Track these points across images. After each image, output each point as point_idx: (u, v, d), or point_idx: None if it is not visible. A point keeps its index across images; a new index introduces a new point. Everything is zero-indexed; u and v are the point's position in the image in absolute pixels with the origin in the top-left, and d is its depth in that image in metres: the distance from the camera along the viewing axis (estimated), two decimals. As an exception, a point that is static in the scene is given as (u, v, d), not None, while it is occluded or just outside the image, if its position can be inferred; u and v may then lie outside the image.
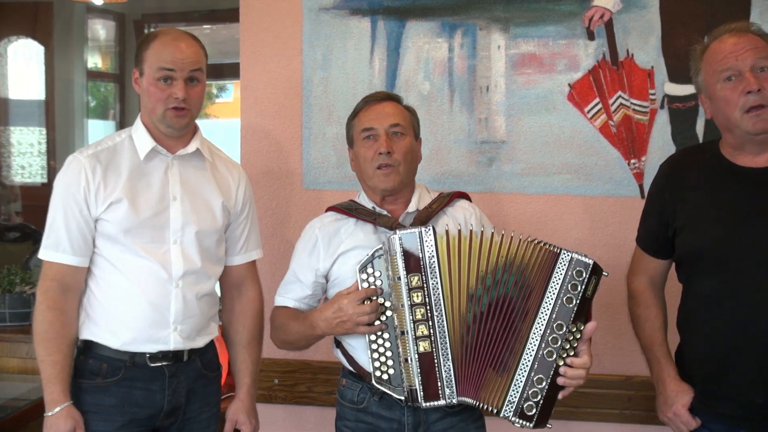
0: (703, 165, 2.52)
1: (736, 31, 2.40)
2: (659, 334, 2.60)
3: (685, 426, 2.50)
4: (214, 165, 2.73)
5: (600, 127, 3.22)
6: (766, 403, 2.34)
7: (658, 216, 2.58)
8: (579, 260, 2.33)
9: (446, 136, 3.30)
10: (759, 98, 2.32)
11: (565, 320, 2.33)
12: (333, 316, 2.45)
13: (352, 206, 2.64)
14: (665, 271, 2.66)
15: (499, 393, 2.35)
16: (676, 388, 2.52)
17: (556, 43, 3.23)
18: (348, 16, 3.34)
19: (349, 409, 2.58)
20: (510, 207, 3.28)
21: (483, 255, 2.38)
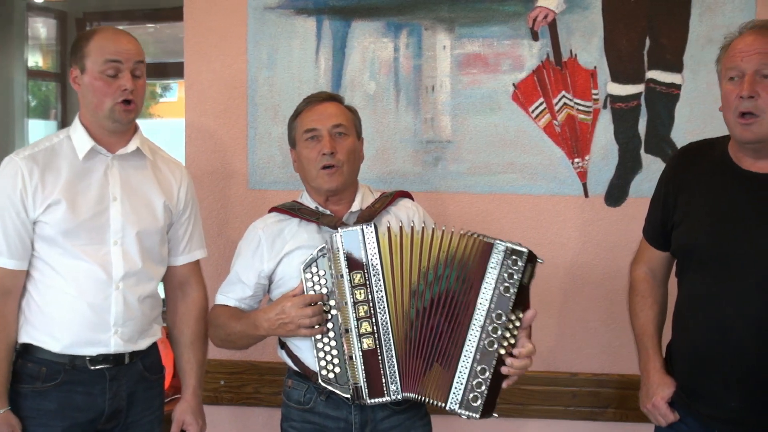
0: (709, 162, 2.50)
1: (758, 29, 2.35)
2: (651, 325, 2.60)
3: (662, 418, 2.51)
4: (156, 164, 2.70)
5: (544, 126, 3.25)
6: (741, 407, 2.35)
7: (661, 207, 2.57)
8: (514, 249, 2.34)
9: (392, 135, 3.31)
10: (750, 105, 2.29)
11: (504, 309, 2.33)
12: (276, 317, 2.44)
13: (295, 206, 2.63)
14: (667, 264, 2.64)
15: (444, 386, 2.35)
16: (659, 380, 2.52)
17: (501, 43, 3.25)
18: (293, 16, 3.33)
19: (296, 410, 2.57)
20: (455, 206, 3.29)
21: (424, 251, 2.39)
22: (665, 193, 2.55)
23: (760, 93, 2.28)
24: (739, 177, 2.40)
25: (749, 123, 2.30)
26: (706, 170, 2.48)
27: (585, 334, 3.27)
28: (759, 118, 2.29)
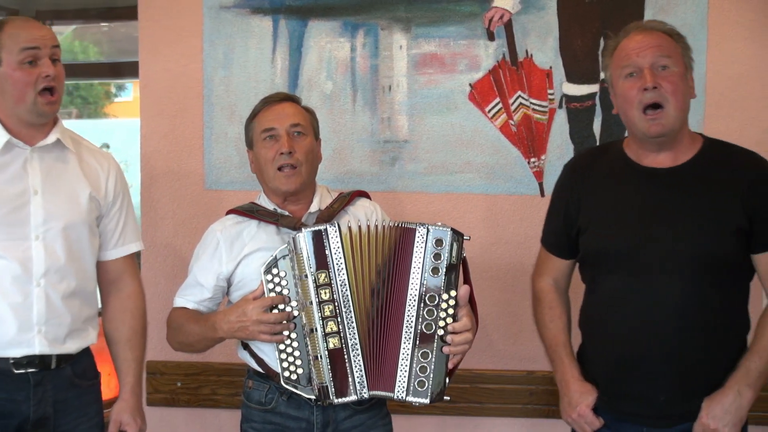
0: (607, 165, 2.54)
1: (645, 28, 2.43)
2: (563, 335, 2.61)
3: (589, 426, 2.51)
4: (81, 156, 2.62)
5: (501, 126, 3.27)
6: (668, 400, 2.39)
7: (562, 216, 2.59)
8: (436, 230, 2.35)
9: (349, 135, 3.31)
10: (655, 95, 2.34)
11: (436, 291, 2.34)
12: (236, 320, 2.41)
13: (253, 208, 2.61)
14: (569, 272, 2.67)
15: (389, 377, 2.36)
16: (580, 388, 2.52)
17: (457, 43, 3.26)
18: (249, 15, 3.31)
19: (256, 411, 2.56)
20: (412, 206, 3.30)
21: (378, 248, 2.40)
22: (566, 202, 2.58)
23: (661, 83, 2.34)
24: (640, 175, 2.45)
25: (656, 117, 2.35)
26: (606, 173, 2.52)
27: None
28: (664, 110, 2.35)
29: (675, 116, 2.36)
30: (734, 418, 2.34)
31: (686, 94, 2.40)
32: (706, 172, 2.41)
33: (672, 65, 2.36)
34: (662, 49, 2.37)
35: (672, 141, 2.42)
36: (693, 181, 2.40)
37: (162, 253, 3.42)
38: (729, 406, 2.34)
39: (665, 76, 2.35)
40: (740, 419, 2.35)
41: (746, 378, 2.35)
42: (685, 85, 2.40)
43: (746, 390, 2.34)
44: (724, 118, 3.17)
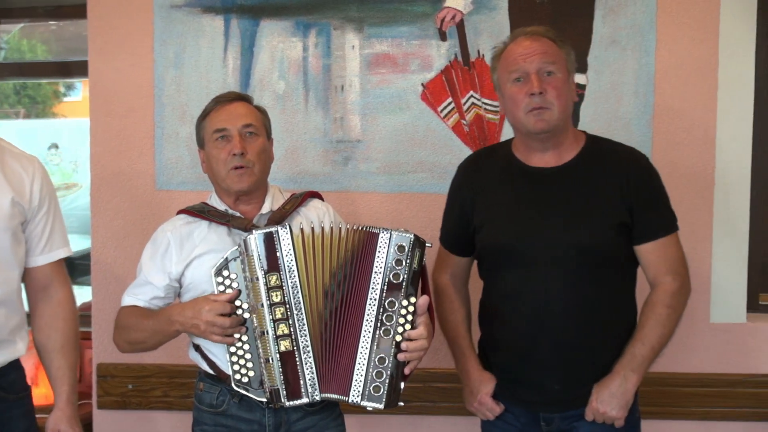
0: (496, 165, 2.65)
1: (531, 34, 2.53)
2: (462, 326, 2.70)
3: (490, 412, 2.62)
4: (3, 160, 2.54)
5: (453, 126, 3.28)
6: (561, 389, 2.52)
7: (458, 215, 2.69)
8: (399, 236, 2.36)
9: (302, 135, 3.30)
10: (540, 101, 2.45)
11: (396, 297, 2.35)
12: (191, 316, 2.39)
13: (204, 208, 2.59)
14: (467, 267, 2.77)
15: (345, 380, 2.35)
16: (479, 377, 2.63)
17: (410, 43, 3.27)
18: (200, 14, 3.29)
19: (208, 414, 2.54)
20: (366, 206, 3.30)
21: (333, 251, 2.39)
22: (461, 202, 2.68)
23: (546, 88, 2.45)
24: (527, 174, 2.57)
25: (541, 113, 2.46)
26: (497, 174, 2.63)
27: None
28: (549, 110, 2.46)
29: (558, 116, 2.48)
30: (621, 401, 2.48)
31: (569, 98, 2.54)
32: (589, 169, 2.54)
33: (556, 71, 2.48)
34: (548, 55, 2.48)
35: (556, 140, 2.54)
36: (576, 178, 2.53)
37: (112, 254, 3.39)
38: (615, 390, 2.48)
39: (550, 82, 2.47)
40: (626, 402, 2.49)
41: (631, 363, 2.49)
42: (568, 90, 2.53)
43: (631, 375, 2.48)
44: (672, 118, 3.22)
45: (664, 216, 2.55)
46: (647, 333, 2.50)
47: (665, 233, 2.53)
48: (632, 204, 2.49)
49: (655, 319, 2.51)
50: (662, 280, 2.53)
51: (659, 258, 2.53)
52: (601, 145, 2.61)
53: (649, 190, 2.54)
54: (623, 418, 2.50)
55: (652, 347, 2.49)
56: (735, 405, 3.25)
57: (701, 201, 3.23)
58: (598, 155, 2.57)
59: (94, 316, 3.43)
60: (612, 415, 2.48)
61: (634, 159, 2.58)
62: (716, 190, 3.24)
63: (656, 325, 2.50)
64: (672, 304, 2.52)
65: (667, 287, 2.52)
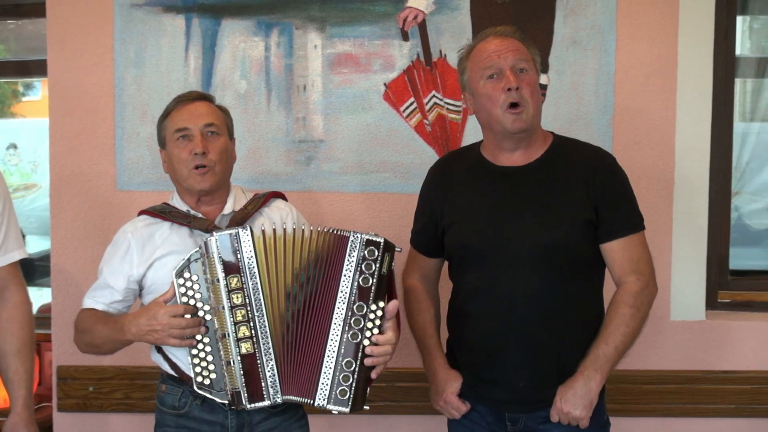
0: (466, 167, 2.66)
1: (500, 34, 2.54)
2: (430, 326, 2.70)
3: (456, 411, 2.62)
4: None
5: (415, 125, 3.29)
6: (526, 386, 2.53)
7: (428, 217, 2.70)
8: (370, 240, 2.36)
9: (264, 135, 3.29)
10: (517, 96, 2.46)
11: (365, 300, 2.35)
12: (146, 323, 2.38)
13: (165, 209, 2.58)
14: (438, 269, 2.78)
15: (311, 383, 2.35)
16: (446, 376, 2.63)
17: (372, 43, 3.27)
18: (161, 13, 3.27)
19: (170, 415, 2.53)
20: (329, 206, 3.30)
21: (296, 252, 2.38)
22: (431, 204, 2.69)
23: (521, 85, 2.47)
24: (496, 174, 2.58)
25: (519, 112, 2.47)
26: (466, 174, 2.64)
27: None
28: (525, 108, 2.47)
29: (533, 114, 2.50)
30: (584, 401, 2.48)
31: (539, 97, 2.57)
32: (555, 168, 2.55)
33: (529, 69, 2.51)
34: (520, 53, 2.51)
35: (528, 140, 2.55)
36: (543, 178, 2.54)
37: (72, 255, 3.36)
38: (579, 390, 2.48)
39: (524, 79, 2.49)
40: (590, 402, 2.49)
41: (594, 363, 2.49)
42: (538, 89, 2.55)
43: (594, 374, 2.49)
44: (632, 117, 3.25)
45: (629, 215, 2.55)
46: (611, 333, 2.50)
47: (630, 232, 2.53)
48: (598, 202, 2.50)
49: (619, 319, 2.51)
50: (626, 279, 2.53)
51: (624, 257, 2.53)
52: (568, 144, 2.63)
53: (615, 189, 2.54)
54: (587, 418, 2.50)
55: (615, 347, 2.49)
56: (694, 402, 3.29)
57: (661, 200, 3.26)
58: (564, 154, 2.58)
59: (54, 317, 3.40)
60: (576, 414, 2.48)
61: (600, 158, 2.59)
62: (675, 189, 3.27)
63: (620, 325, 2.50)
64: (635, 304, 2.51)
65: (631, 287, 2.52)
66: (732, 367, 3.28)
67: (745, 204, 4.02)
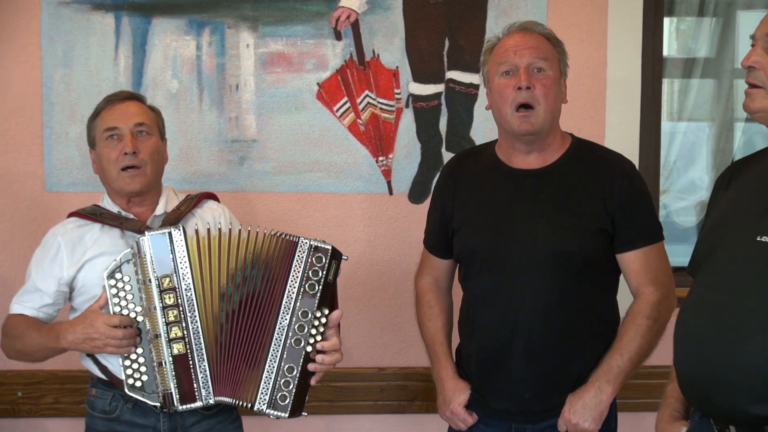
0: (480, 166, 2.58)
1: (525, 28, 2.47)
2: (441, 333, 2.63)
3: (462, 423, 2.54)
4: None
5: (349, 125, 3.29)
6: (532, 397, 2.45)
7: (440, 216, 2.63)
8: (318, 246, 2.35)
9: (196, 135, 3.26)
10: (527, 96, 2.38)
11: (310, 307, 2.34)
12: (82, 332, 2.34)
13: (96, 211, 2.54)
14: (450, 271, 2.69)
15: (252, 387, 2.34)
16: (453, 386, 2.55)
17: (305, 42, 3.26)
18: (90, 12, 3.22)
19: (100, 420, 2.50)
20: (262, 206, 3.29)
21: (232, 253, 2.37)
22: (442, 203, 2.62)
23: (534, 85, 2.39)
24: (510, 176, 2.50)
25: (527, 115, 2.39)
26: (479, 174, 2.57)
27: (392, 329, 3.33)
28: (535, 111, 2.40)
29: (544, 118, 2.41)
30: (594, 413, 2.40)
31: (557, 99, 2.46)
32: (572, 173, 2.47)
33: (547, 69, 2.42)
34: (540, 51, 2.42)
35: (541, 142, 2.47)
36: (559, 182, 2.46)
37: (-1, 258, 3.30)
38: (589, 401, 2.40)
39: (539, 79, 2.40)
40: (600, 414, 2.41)
41: (607, 374, 2.41)
42: (558, 90, 2.46)
43: (606, 386, 2.40)
44: (563, 117, 3.23)
45: (647, 224, 2.48)
46: (626, 344, 2.42)
47: (648, 242, 2.46)
48: (615, 211, 2.43)
49: (635, 330, 2.43)
50: (644, 290, 2.46)
51: (641, 267, 2.45)
52: (587, 148, 2.55)
53: (633, 198, 2.46)
54: (596, 431, 2.43)
55: (630, 359, 2.42)
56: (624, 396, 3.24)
57: None
58: (583, 159, 2.50)
59: (-19, 322, 3.33)
60: (584, 427, 2.40)
61: (619, 165, 2.51)
62: (606, 187, 3.31)
63: (636, 336, 2.42)
64: (653, 315, 2.44)
65: (649, 297, 2.45)
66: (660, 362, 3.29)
67: (673, 202, 4.09)
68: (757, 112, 2.00)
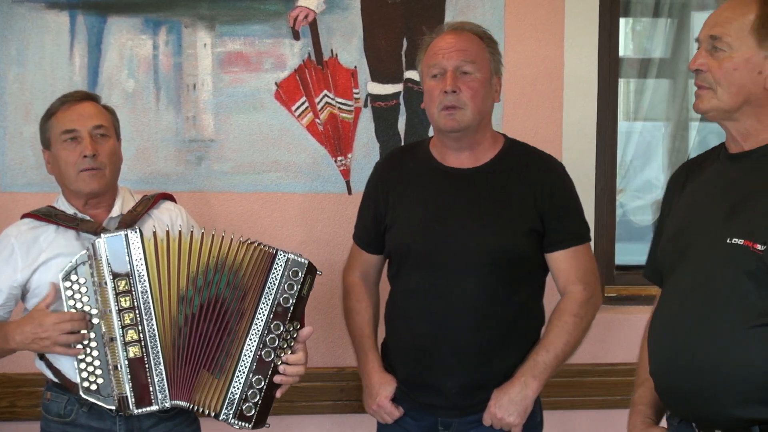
0: (413, 164, 2.64)
1: (457, 29, 2.53)
2: (368, 327, 2.68)
3: (388, 416, 2.60)
4: None
5: (307, 125, 3.29)
6: (458, 392, 2.51)
7: (372, 213, 2.67)
8: (295, 260, 2.37)
9: (153, 135, 3.24)
10: (453, 99, 2.44)
11: (283, 320, 2.35)
12: (31, 332, 2.33)
13: (51, 212, 2.52)
14: (379, 266, 2.75)
15: (218, 396, 2.34)
16: (380, 380, 2.61)
17: (263, 42, 3.25)
18: (44, 10, 3.18)
19: (55, 423, 2.48)
20: (220, 206, 3.27)
21: (193, 256, 2.36)
22: (375, 200, 2.67)
23: (461, 88, 2.45)
24: (444, 175, 2.57)
25: (452, 112, 2.46)
26: (414, 172, 2.62)
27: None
28: (462, 109, 2.46)
29: (471, 117, 2.46)
30: (519, 408, 2.48)
31: (486, 99, 2.51)
32: (504, 173, 2.54)
33: (475, 71, 2.47)
34: (468, 54, 2.47)
35: (470, 140, 2.53)
36: (491, 182, 2.53)
37: (-48, 260, 3.24)
38: (515, 396, 2.47)
39: (466, 81, 2.46)
40: (525, 409, 2.49)
41: (533, 370, 2.49)
42: (487, 90, 2.51)
43: (532, 381, 2.48)
44: (520, 116, 3.31)
45: (576, 225, 2.57)
46: (552, 341, 2.51)
47: (576, 242, 2.54)
48: (545, 211, 2.50)
49: (561, 327, 2.51)
50: (572, 288, 2.54)
51: (569, 267, 2.54)
52: (519, 149, 2.61)
53: (563, 199, 2.55)
54: (521, 425, 2.50)
55: (556, 355, 2.50)
56: (583, 394, 3.38)
57: None
58: (515, 160, 2.57)
59: (-67, 325, 3.27)
60: (509, 421, 2.47)
61: (550, 166, 2.59)
62: (563, 185, 3.34)
63: (562, 333, 2.51)
64: (580, 314, 2.53)
65: (577, 296, 2.53)
66: (618, 359, 3.36)
67: (630, 201, 4.15)
68: (708, 112, 2.06)
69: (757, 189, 1.98)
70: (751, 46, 1.97)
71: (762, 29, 1.96)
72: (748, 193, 1.99)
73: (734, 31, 1.98)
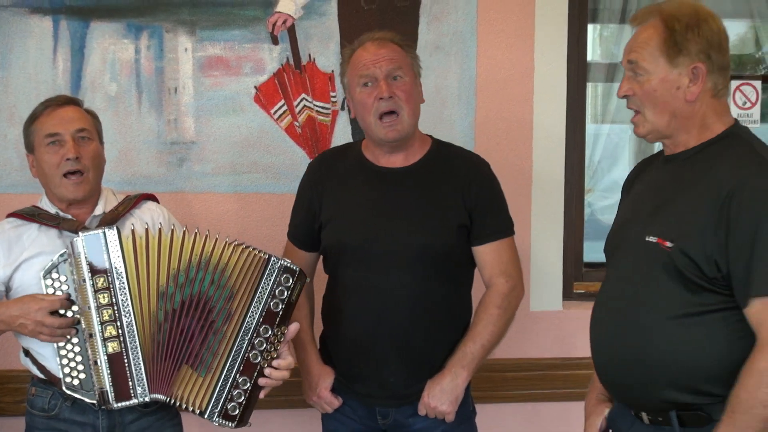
0: (346, 164, 2.73)
1: (378, 40, 2.62)
2: (304, 321, 2.73)
3: (328, 406, 2.70)
4: None
5: (286, 127, 3.34)
6: (396, 382, 2.61)
7: (306, 211, 2.76)
8: (287, 267, 2.41)
9: (135, 137, 3.29)
10: (390, 104, 2.54)
11: (272, 324, 2.39)
12: (18, 314, 2.36)
13: (34, 212, 2.56)
14: (313, 263, 2.83)
15: (203, 395, 2.38)
16: (319, 371, 2.71)
17: (242, 46, 3.30)
18: (28, 15, 3.23)
19: (40, 418, 2.52)
20: (201, 206, 3.32)
21: (174, 253, 2.40)
22: (309, 198, 2.76)
23: (395, 92, 2.55)
24: (375, 174, 2.67)
25: (392, 123, 2.56)
26: (347, 172, 2.72)
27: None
28: (399, 117, 2.56)
29: (409, 122, 2.58)
30: (450, 397, 2.58)
31: (417, 101, 2.63)
32: (433, 171, 2.65)
33: (403, 75, 2.58)
34: (395, 61, 2.57)
35: (404, 143, 2.63)
36: (421, 180, 2.63)
37: (-62, 259, 3.27)
38: (446, 386, 2.58)
39: (398, 86, 2.56)
40: (456, 397, 2.60)
41: (462, 360, 2.60)
42: (417, 92, 2.63)
43: (461, 371, 2.59)
44: (492, 119, 3.38)
45: (500, 220, 2.67)
46: (479, 332, 2.61)
47: (501, 236, 2.65)
48: (472, 208, 2.60)
49: (487, 318, 2.62)
50: (496, 281, 2.65)
51: (494, 260, 2.64)
52: (446, 149, 2.72)
53: (489, 196, 2.65)
54: (453, 412, 2.60)
55: (482, 345, 2.60)
56: (553, 387, 3.45)
57: (520, 198, 3.36)
58: (443, 159, 2.67)
59: None
60: (442, 409, 2.58)
61: (476, 165, 2.70)
62: (533, 187, 3.41)
63: (488, 324, 2.61)
64: (503, 305, 2.64)
65: (500, 288, 2.64)
66: (587, 353, 3.42)
67: (597, 200, 4.21)
68: (646, 136, 2.19)
69: (678, 190, 2.11)
70: (664, 66, 2.08)
71: (669, 49, 2.07)
72: (671, 193, 2.12)
73: (647, 55, 2.09)
